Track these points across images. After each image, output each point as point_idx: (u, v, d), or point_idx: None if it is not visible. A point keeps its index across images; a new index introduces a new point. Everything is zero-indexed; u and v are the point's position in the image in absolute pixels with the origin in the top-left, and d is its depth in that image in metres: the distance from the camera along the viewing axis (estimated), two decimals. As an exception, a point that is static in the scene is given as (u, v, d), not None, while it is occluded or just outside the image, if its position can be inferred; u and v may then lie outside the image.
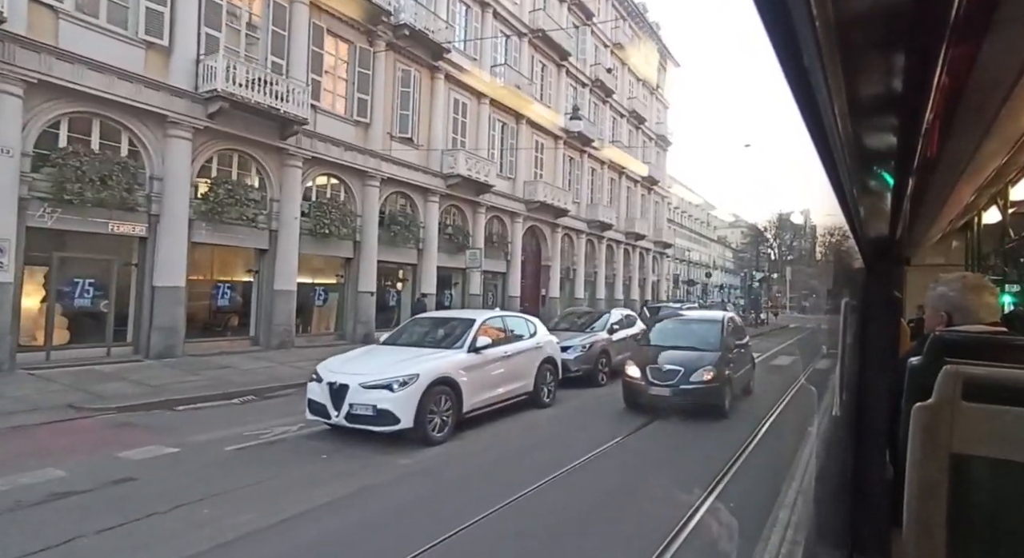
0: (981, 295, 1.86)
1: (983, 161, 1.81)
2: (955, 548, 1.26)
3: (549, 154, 25.71)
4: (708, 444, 7.00)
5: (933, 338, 1.63)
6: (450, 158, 18.58)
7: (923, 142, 1.12)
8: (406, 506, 4.72)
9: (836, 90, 0.82)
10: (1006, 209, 3.72)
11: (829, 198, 1.43)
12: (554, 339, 8.78)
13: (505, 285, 23.01)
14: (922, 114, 0.96)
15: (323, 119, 14.55)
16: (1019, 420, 1.21)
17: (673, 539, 3.93)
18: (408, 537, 3.96)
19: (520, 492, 4.73)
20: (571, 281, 28.38)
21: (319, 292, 15.17)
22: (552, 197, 24.24)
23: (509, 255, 22.84)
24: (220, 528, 4.07)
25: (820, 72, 0.74)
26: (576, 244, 28.34)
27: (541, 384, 8.14)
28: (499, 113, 21.94)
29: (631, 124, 34.22)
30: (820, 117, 0.90)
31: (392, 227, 16.70)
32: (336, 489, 4.90)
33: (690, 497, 4.74)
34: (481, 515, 4.24)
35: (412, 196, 17.83)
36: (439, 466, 5.74)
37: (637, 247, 35.12)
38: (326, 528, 4.20)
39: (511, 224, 22.94)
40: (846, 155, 1.09)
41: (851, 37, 0.71)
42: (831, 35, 0.67)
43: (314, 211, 14.20)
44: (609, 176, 31.58)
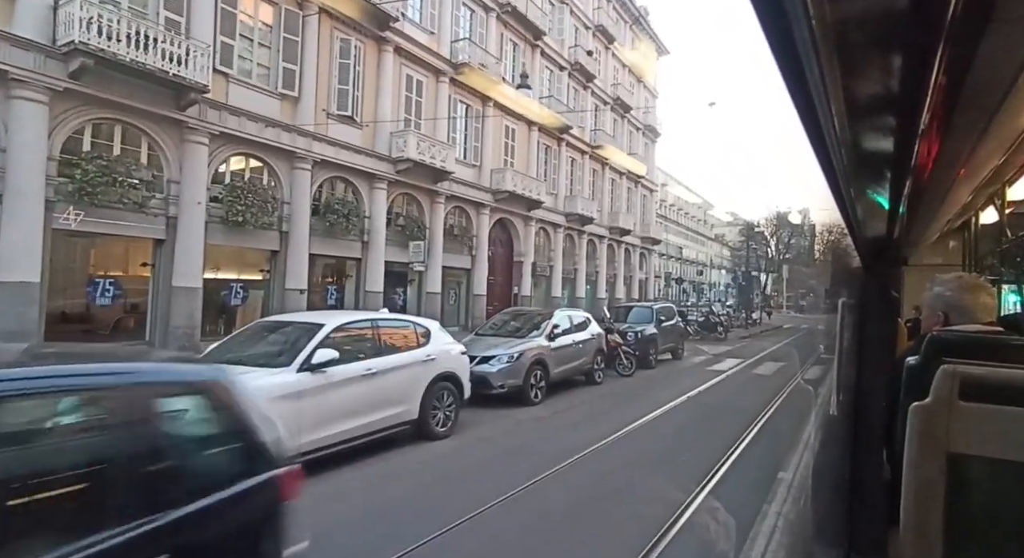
0: (978, 295, 1.85)
1: (980, 161, 1.91)
2: (952, 547, 1.27)
3: (522, 141, 23.79)
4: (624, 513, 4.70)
5: (930, 338, 1.64)
6: (399, 140, 16.66)
7: (920, 143, 1.13)
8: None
9: (833, 90, 0.82)
10: (1003, 209, 3.61)
11: (827, 197, 1.41)
12: (458, 348, 6.89)
13: (469, 282, 21.10)
14: (919, 115, 0.98)
15: (237, 89, 12.63)
16: (1016, 420, 1.23)
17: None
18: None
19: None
20: (547, 278, 26.48)
21: (236, 289, 13.25)
22: (524, 187, 22.34)
23: (474, 249, 20.94)
24: None
25: (817, 72, 0.75)
26: (553, 238, 26.44)
27: (432, 408, 6.26)
28: (462, 93, 20.02)
29: (616, 113, 32.30)
30: (817, 117, 0.90)
31: (328, 216, 14.78)
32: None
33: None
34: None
35: (355, 182, 15.91)
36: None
37: (622, 243, 33.23)
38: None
39: (476, 216, 21.03)
40: (843, 155, 1.11)
41: (848, 37, 0.71)
42: (828, 35, 0.68)
43: (227, 196, 12.27)
44: (591, 167, 29.67)
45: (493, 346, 8.25)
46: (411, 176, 17.31)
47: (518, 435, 6.90)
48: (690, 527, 4.19)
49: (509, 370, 7.98)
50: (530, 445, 6.50)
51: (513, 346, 8.26)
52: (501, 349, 8.16)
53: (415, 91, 17.94)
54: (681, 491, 4.76)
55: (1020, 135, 1.66)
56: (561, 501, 4.74)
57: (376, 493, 4.76)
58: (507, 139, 22.85)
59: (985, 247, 4.38)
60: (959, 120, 1.20)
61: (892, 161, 1.22)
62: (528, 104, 23.53)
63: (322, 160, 14.52)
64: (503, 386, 7.88)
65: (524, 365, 8.13)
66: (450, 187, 19.20)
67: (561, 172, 26.68)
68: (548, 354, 8.64)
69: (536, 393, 8.37)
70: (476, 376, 7.97)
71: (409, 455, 5.83)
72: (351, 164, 15.44)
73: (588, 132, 28.95)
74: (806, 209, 54.80)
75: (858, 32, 0.73)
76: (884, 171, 1.32)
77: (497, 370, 7.87)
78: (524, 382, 8.11)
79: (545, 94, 24.81)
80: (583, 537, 4.10)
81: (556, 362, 8.80)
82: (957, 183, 2.00)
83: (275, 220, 13.51)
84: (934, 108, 0.96)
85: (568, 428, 7.19)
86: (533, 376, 8.31)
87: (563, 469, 5.43)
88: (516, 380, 8.02)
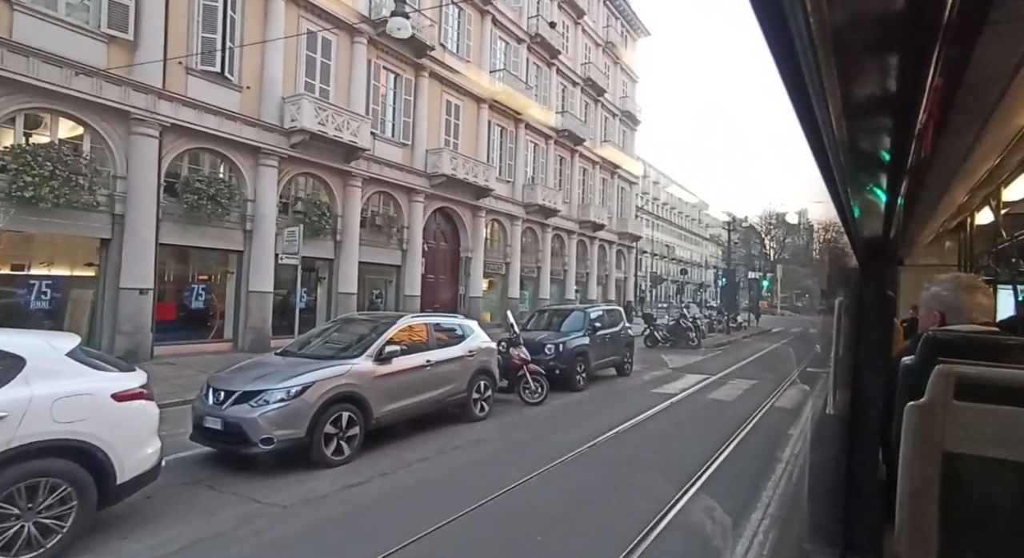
0: (974, 295, 1.84)
1: (976, 162, 1.99)
2: (947, 546, 1.28)
3: (469, 120, 20.79)
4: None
5: (926, 338, 1.64)
6: (292, 107, 13.65)
7: (917, 143, 1.13)
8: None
9: (831, 90, 0.82)
10: (998, 210, 3.50)
11: (824, 195, 1.41)
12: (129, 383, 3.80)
13: (400, 281, 18.09)
14: (916, 116, 0.98)
15: (26, 21, 9.61)
16: (1011, 419, 1.24)
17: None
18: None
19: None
20: (503, 277, 23.49)
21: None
22: (468, 171, 19.35)
23: (405, 243, 17.94)
24: None
25: (815, 72, 0.75)
26: (510, 232, 23.44)
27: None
28: (386, 59, 17.02)
29: (587, 95, 29.34)
30: (814, 117, 0.89)
31: (188, 196, 11.74)
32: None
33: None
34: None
35: (232, 157, 12.89)
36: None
37: (596, 239, 30.24)
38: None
39: (408, 203, 18.02)
40: (840, 155, 1.10)
41: (846, 38, 0.72)
42: (826, 36, 0.68)
43: (12, 163, 9.26)
44: (556, 153, 26.69)
45: (267, 375, 5.24)
46: (312, 152, 14.31)
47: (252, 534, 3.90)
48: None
49: (282, 414, 4.95)
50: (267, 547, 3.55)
51: (299, 375, 5.21)
52: (273, 381, 5.14)
53: (320, 50, 14.94)
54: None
55: (1015, 136, 1.70)
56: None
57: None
58: (448, 116, 19.85)
59: (980, 247, 4.28)
60: (955, 121, 1.28)
61: (889, 161, 1.22)
62: (478, 77, 20.57)
63: (175, 125, 11.50)
64: (270, 440, 4.86)
65: (310, 406, 5.06)
66: (369, 168, 16.21)
67: (519, 158, 23.69)
68: (369, 384, 5.60)
69: (339, 447, 5.34)
70: (228, 425, 4.96)
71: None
72: (223, 134, 12.42)
73: (554, 115, 25.97)
74: (804, 209, 52.14)
75: (856, 33, 0.73)
76: (881, 171, 1.32)
77: (260, 415, 4.87)
78: (311, 433, 5.07)
79: (498, 67, 21.83)
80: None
81: (387, 396, 5.78)
82: (953, 184, 2.13)
83: (101, 199, 10.50)
84: (931, 109, 1.01)
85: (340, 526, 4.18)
86: (332, 422, 5.25)
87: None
88: (294, 431, 4.97)
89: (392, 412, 5.91)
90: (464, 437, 6.67)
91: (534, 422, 7.55)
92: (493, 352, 7.76)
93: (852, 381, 1.92)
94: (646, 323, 19.32)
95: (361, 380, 5.51)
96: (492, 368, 7.63)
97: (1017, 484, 1.23)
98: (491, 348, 7.71)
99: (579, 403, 8.88)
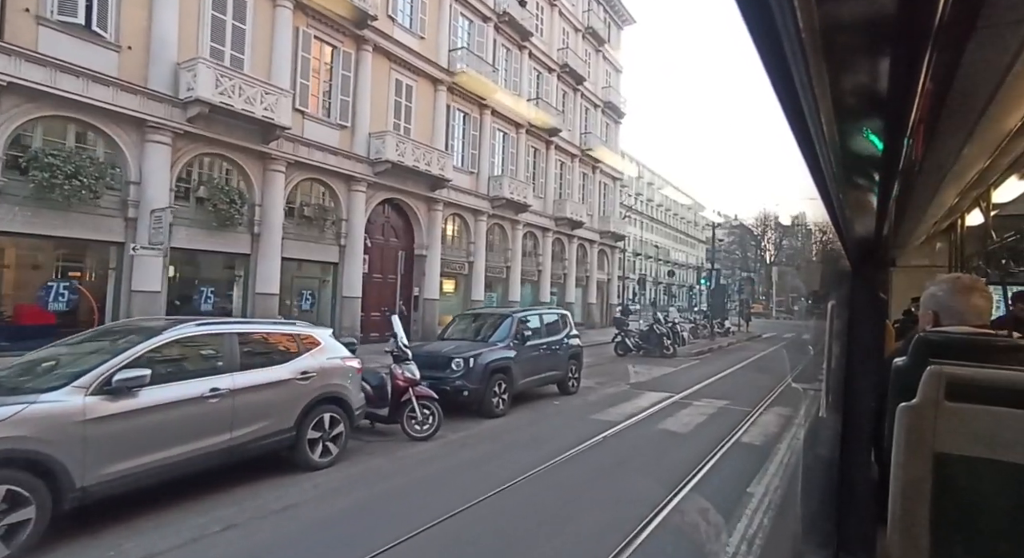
0: (969, 297, 1.81)
1: (966, 164, 1.90)
2: (938, 545, 1.29)
3: (423, 102, 18.74)
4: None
5: (918, 339, 1.64)
6: (188, 75, 11.58)
7: (908, 145, 1.15)
8: None
9: (821, 94, 0.82)
10: (988, 212, 3.35)
11: (815, 195, 1.41)
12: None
13: (337, 281, 15.99)
14: (907, 118, 0.99)
15: None
16: (1000, 420, 1.24)
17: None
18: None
19: None
20: (466, 277, 21.41)
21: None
22: (417, 158, 17.27)
23: (344, 237, 15.86)
24: None
25: (805, 76, 0.75)
26: (473, 228, 21.37)
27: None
28: (317, 28, 14.94)
29: (565, 83, 27.33)
30: (805, 119, 0.90)
31: (36, 174, 9.65)
32: None
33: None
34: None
35: (108, 130, 10.80)
36: None
37: (574, 237, 28.17)
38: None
39: (347, 193, 15.94)
40: (832, 158, 1.11)
41: (836, 42, 0.72)
42: (816, 40, 0.68)
43: None
44: (529, 144, 24.64)
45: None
46: (218, 129, 12.24)
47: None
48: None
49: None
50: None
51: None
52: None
53: (232, 11, 12.86)
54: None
55: (1005, 138, 1.70)
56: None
57: None
58: (399, 97, 17.79)
59: (971, 249, 4.09)
60: (945, 124, 1.24)
61: (880, 164, 1.24)
62: (430, 53, 18.53)
63: (17, 85, 9.40)
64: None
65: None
66: (296, 151, 14.14)
67: (484, 147, 21.63)
68: (68, 435, 3.45)
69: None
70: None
71: None
72: (91, 100, 10.33)
73: (525, 102, 23.93)
74: (801, 213, 50.32)
75: (846, 36, 0.73)
76: (872, 173, 1.33)
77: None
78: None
79: (457, 46, 19.79)
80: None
81: (115, 449, 3.63)
82: (944, 186, 2.06)
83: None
84: (921, 112, 0.99)
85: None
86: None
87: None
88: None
89: (128, 474, 3.79)
90: (278, 500, 4.57)
91: (397, 471, 5.44)
92: (351, 372, 5.64)
93: (845, 382, 1.94)
94: (617, 328, 17.24)
95: (48, 430, 3.41)
96: (347, 394, 5.52)
97: (1008, 484, 1.25)
98: (347, 368, 5.60)
99: (483, 437, 6.77)
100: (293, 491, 4.78)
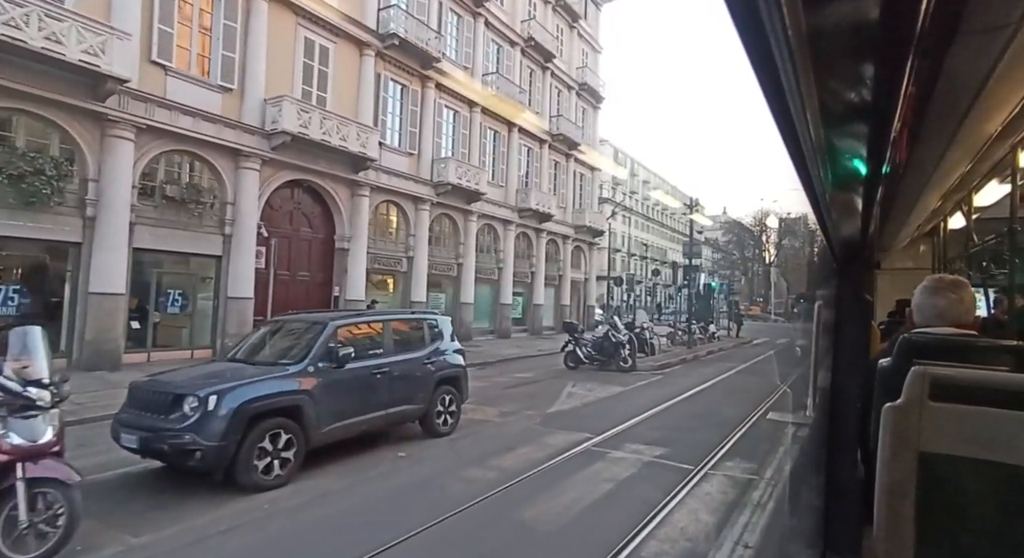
0: (933, 297, 1.81)
1: (948, 168, 2.03)
2: (923, 545, 1.30)
3: (345, 68, 15.87)
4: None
5: (902, 340, 1.65)
6: None
7: (892, 150, 1.16)
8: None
9: (808, 98, 0.84)
10: (970, 215, 3.67)
11: (804, 201, 1.44)
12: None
13: (220, 279, 13.09)
14: (891, 123, 1.00)
15: None
16: (983, 419, 1.25)
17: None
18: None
19: None
20: (405, 275, 18.49)
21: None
22: (327, 132, 14.37)
23: (229, 225, 12.97)
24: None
25: (793, 80, 0.77)
26: (413, 218, 18.47)
27: None
28: (187, -36, 12.07)
29: (531, 60, 24.43)
30: (792, 123, 0.91)
31: None
32: None
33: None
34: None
35: None
36: None
37: (543, 231, 25.22)
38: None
39: (233, 171, 13.06)
40: (818, 160, 1.12)
41: (822, 48, 0.73)
42: (803, 45, 0.69)
43: None
44: (485, 124, 21.73)
45: None
46: (18, 76, 9.37)
47: None
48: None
49: None
50: None
51: None
52: None
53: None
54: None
55: (985, 143, 1.77)
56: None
57: None
58: (310, 60, 14.91)
59: (953, 252, 4.29)
60: (928, 128, 1.27)
61: (865, 167, 1.24)
62: (354, 11, 15.65)
63: None
64: None
65: None
66: (150, 114, 11.25)
67: (426, 125, 18.73)
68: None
69: None
70: None
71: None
72: None
73: (480, 77, 21.06)
74: (801, 210, 47.59)
75: (832, 43, 0.74)
76: (858, 176, 1.32)
77: None
78: None
79: (390, 3, 16.90)
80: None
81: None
82: (927, 189, 2.15)
83: None
84: (905, 116, 1.00)
85: None
86: None
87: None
88: None
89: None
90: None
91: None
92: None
93: (831, 383, 1.96)
94: (568, 335, 14.30)
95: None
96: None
97: (991, 483, 1.27)
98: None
99: (205, 536, 3.85)
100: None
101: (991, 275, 3.81)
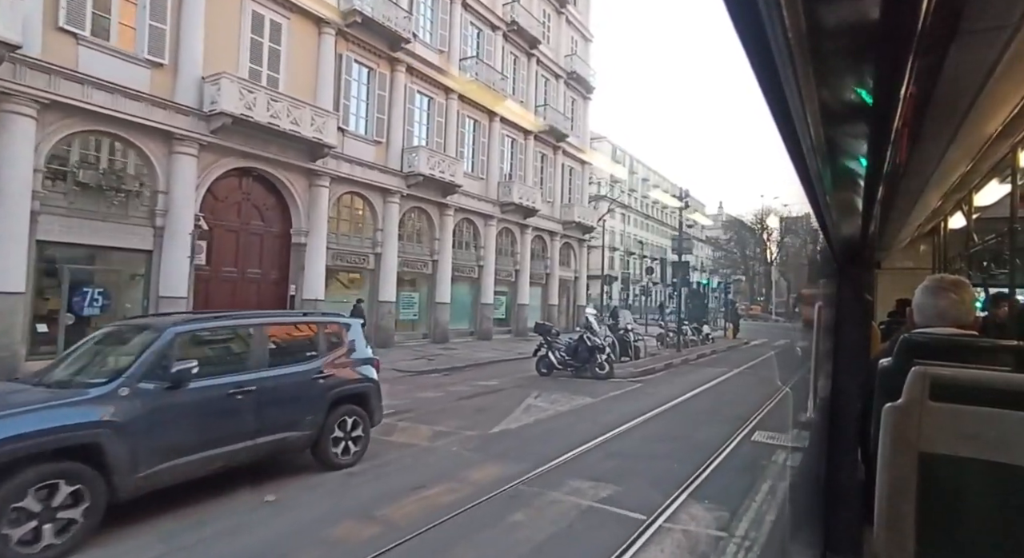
0: (934, 297, 1.79)
1: (948, 168, 2.03)
2: (924, 545, 1.27)
3: (301, 46, 14.53)
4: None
5: (902, 340, 1.63)
6: None
7: (892, 150, 1.15)
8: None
9: (808, 98, 0.83)
10: (970, 215, 3.59)
11: (804, 201, 1.41)
12: None
13: (150, 277, 11.75)
14: (891, 122, 1.00)
15: None
16: (984, 419, 1.23)
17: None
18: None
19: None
20: (372, 272, 17.14)
21: None
22: (275, 114, 13.03)
23: (160, 217, 11.64)
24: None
25: (792, 81, 0.75)
26: (381, 211, 17.12)
27: None
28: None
29: (514, 45, 23.05)
30: (792, 123, 0.90)
31: None
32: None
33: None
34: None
35: None
36: None
37: (527, 227, 23.84)
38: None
39: (165, 157, 11.73)
40: (819, 160, 1.11)
41: (823, 47, 0.72)
42: (803, 45, 0.68)
43: None
44: (463, 113, 20.36)
45: None
46: None
47: None
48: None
49: None
50: None
51: None
52: None
53: None
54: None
55: (985, 143, 1.74)
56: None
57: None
58: (258, 36, 13.58)
59: (954, 251, 4.22)
60: (928, 128, 1.29)
61: (866, 167, 1.22)
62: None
63: None
64: None
65: None
66: (59, 89, 9.93)
67: (395, 111, 17.38)
68: None
69: None
70: None
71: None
72: None
73: (457, 62, 19.70)
74: (802, 209, 46.19)
75: (832, 42, 0.73)
76: (858, 176, 1.32)
77: None
78: None
79: (350, -22, 15.54)
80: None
81: None
82: (927, 189, 2.14)
83: None
84: (905, 116, 0.99)
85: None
86: None
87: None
88: None
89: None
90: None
91: None
92: None
93: (831, 383, 1.93)
94: (542, 337, 12.93)
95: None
96: None
97: (991, 483, 1.25)
98: None
99: None
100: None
101: (991, 275, 3.78)
